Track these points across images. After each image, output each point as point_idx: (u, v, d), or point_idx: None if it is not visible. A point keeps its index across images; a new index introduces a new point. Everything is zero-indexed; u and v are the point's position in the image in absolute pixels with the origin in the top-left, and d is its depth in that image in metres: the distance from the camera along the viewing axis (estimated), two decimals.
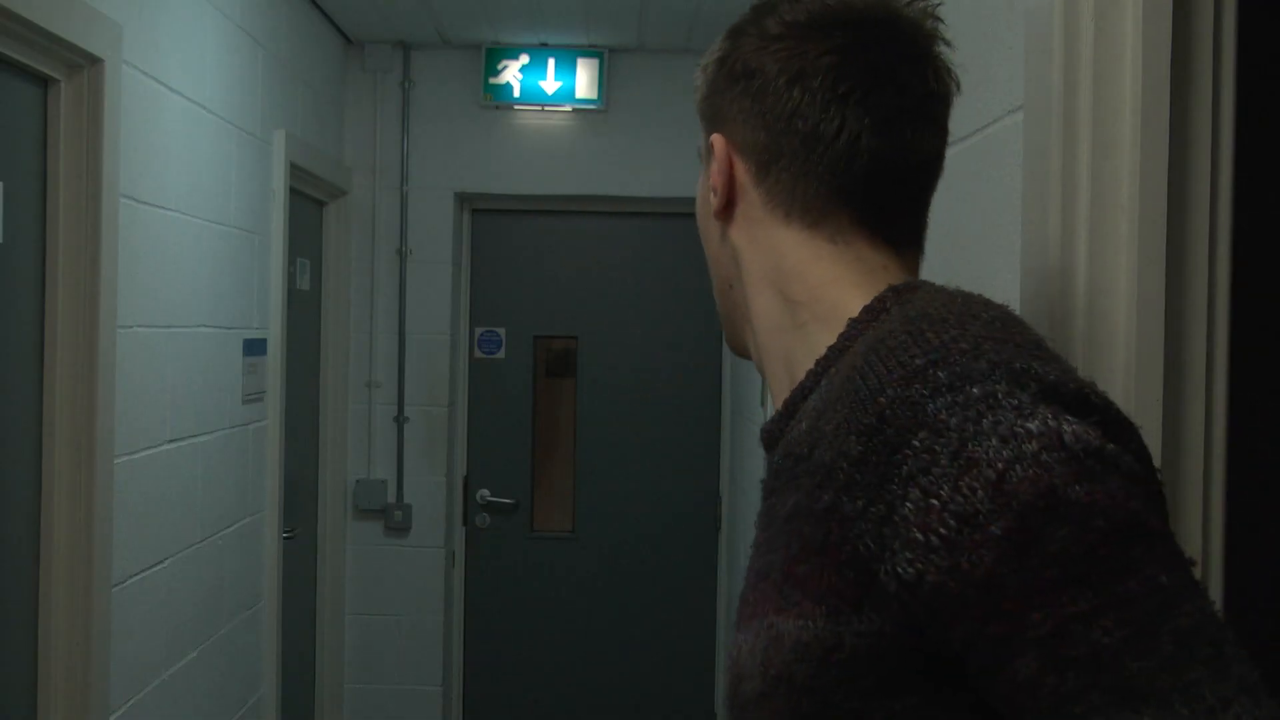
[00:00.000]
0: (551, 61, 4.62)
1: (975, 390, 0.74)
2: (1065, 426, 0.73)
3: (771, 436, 0.93)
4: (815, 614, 0.77)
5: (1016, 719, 0.72)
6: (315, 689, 4.46)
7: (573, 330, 4.87)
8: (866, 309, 0.88)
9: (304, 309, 4.18)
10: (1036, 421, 0.72)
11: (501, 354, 4.86)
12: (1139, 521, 0.71)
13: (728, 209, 0.97)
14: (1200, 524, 1.18)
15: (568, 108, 4.66)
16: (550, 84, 4.62)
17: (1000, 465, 0.71)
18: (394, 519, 4.62)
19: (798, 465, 0.83)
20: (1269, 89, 1.46)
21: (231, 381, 3.22)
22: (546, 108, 4.67)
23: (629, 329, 4.89)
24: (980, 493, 0.71)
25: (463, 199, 4.79)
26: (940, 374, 0.75)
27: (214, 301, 3.06)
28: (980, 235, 1.49)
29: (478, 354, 4.86)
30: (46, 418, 2.28)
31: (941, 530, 0.71)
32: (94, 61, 2.30)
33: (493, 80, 4.62)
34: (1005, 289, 1.38)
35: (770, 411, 0.96)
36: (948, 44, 0.96)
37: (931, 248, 1.71)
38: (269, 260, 3.55)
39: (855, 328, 0.88)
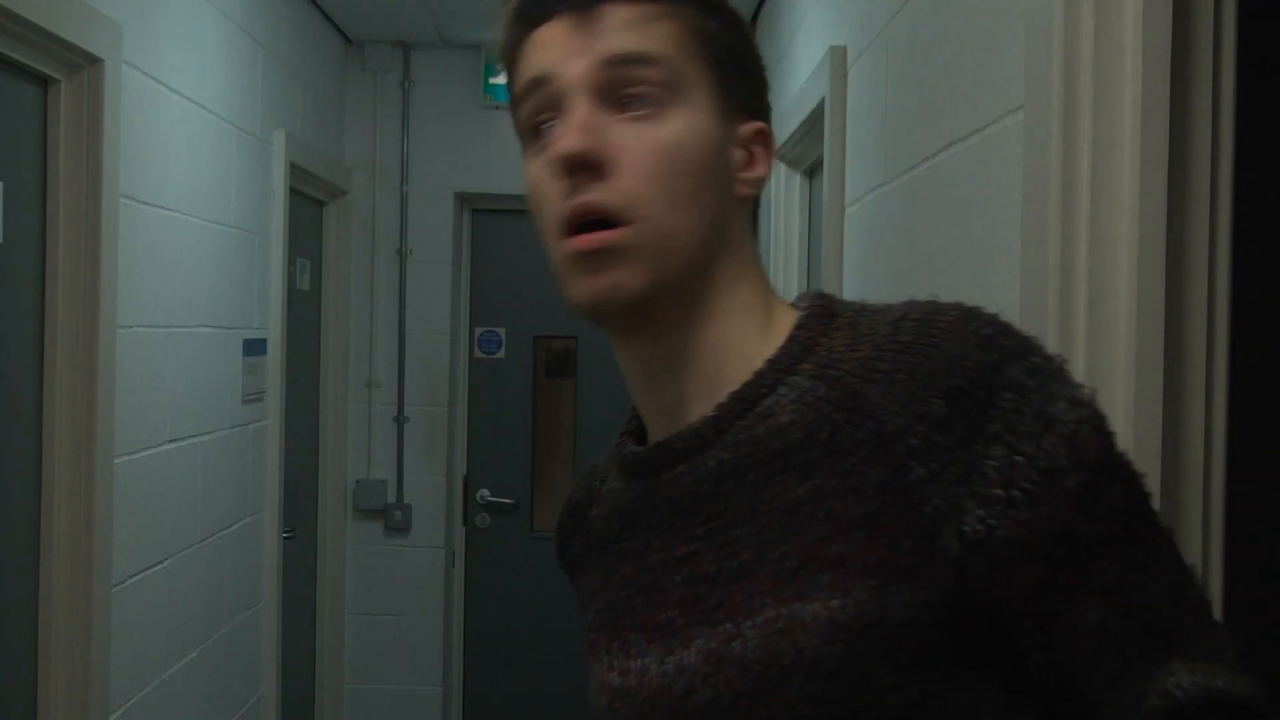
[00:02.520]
0: None
1: (1037, 359, 0.80)
2: (1096, 397, 0.81)
3: (700, 439, 0.88)
4: (857, 588, 0.77)
5: (1069, 670, 0.78)
6: (315, 689, 4.46)
7: (573, 330, 4.87)
8: (808, 314, 0.89)
9: (304, 309, 4.18)
10: (1085, 390, 0.80)
11: (501, 354, 4.86)
12: (1145, 485, 0.81)
13: (748, 202, 0.96)
14: (1200, 524, 1.18)
15: None
16: None
17: (1072, 425, 0.77)
18: (394, 519, 4.62)
19: (805, 453, 0.83)
20: (1269, 89, 1.46)
21: (231, 381, 3.22)
22: None
23: None
24: (1061, 449, 0.76)
25: (463, 199, 4.79)
26: (1008, 343, 0.80)
27: (214, 301, 3.06)
28: (980, 235, 1.49)
29: (478, 354, 4.86)
30: (46, 418, 2.28)
31: (1025, 484, 0.76)
32: (94, 61, 2.30)
33: (493, 80, 4.62)
34: (1005, 289, 1.38)
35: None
36: None
37: (932, 248, 1.72)
38: (269, 260, 3.55)
39: (808, 331, 0.88)
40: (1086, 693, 0.78)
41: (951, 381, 0.79)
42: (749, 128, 0.94)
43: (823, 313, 0.89)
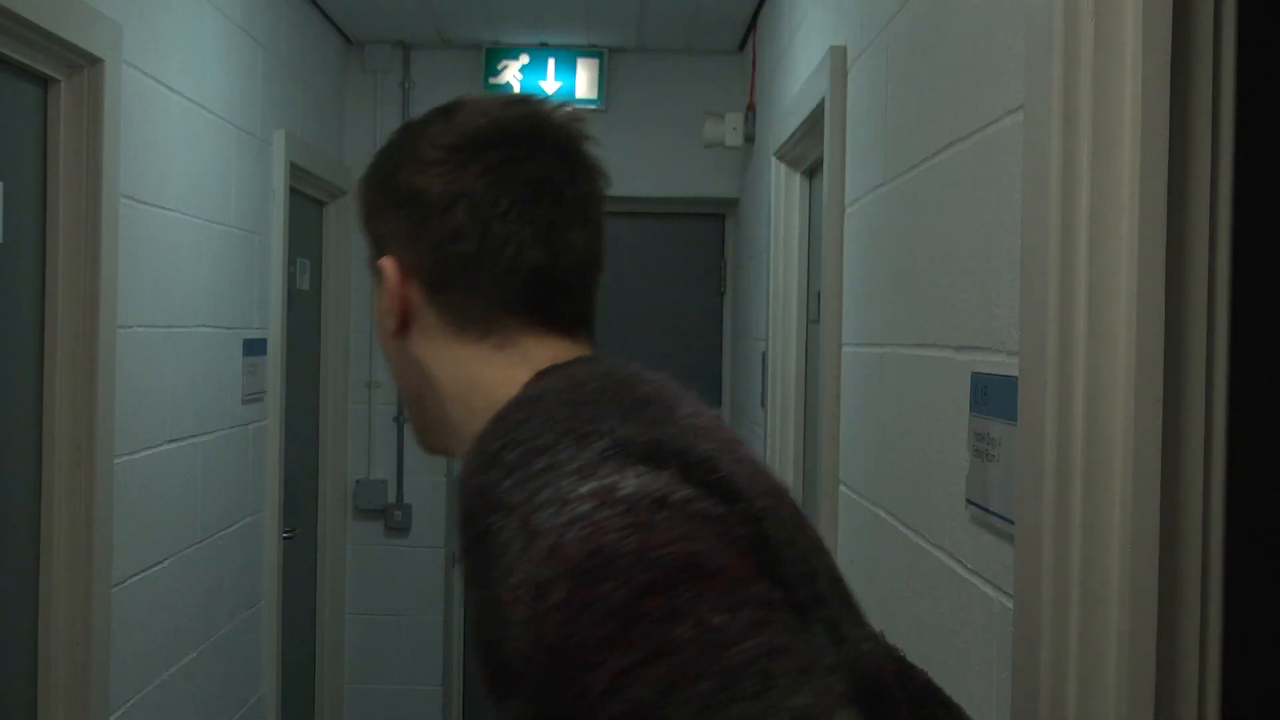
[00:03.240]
0: (551, 61, 4.62)
1: (540, 463, 0.76)
2: (624, 481, 0.74)
3: None
4: (490, 703, 0.79)
5: None
6: (315, 689, 4.46)
7: None
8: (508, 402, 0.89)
9: (304, 309, 4.18)
10: (592, 483, 0.74)
11: None
12: (694, 565, 0.71)
13: (405, 327, 0.99)
14: (1200, 524, 1.18)
15: None
16: (550, 84, 4.62)
17: (556, 532, 0.72)
18: (394, 519, 4.61)
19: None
20: (1269, 89, 1.46)
21: (231, 381, 3.22)
22: None
23: (629, 329, 4.88)
24: (545, 561, 0.72)
25: None
26: (509, 455, 0.78)
27: (214, 301, 3.06)
28: (980, 235, 1.49)
29: None
30: (46, 418, 2.28)
31: (525, 604, 0.72)
32: (94, 61, 2.29)
33: (493, 80, 4.62)
34: (1005, 289, 1.38)
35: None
36: (595, 141, 1.03)
37: (931, 248, 1.72)
38: (269, 260, 3.55)
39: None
40: None
41: (460, 515, 0.80)
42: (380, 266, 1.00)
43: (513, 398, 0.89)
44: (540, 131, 0.98)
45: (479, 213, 0.94)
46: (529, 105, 1.00)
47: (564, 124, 1.00)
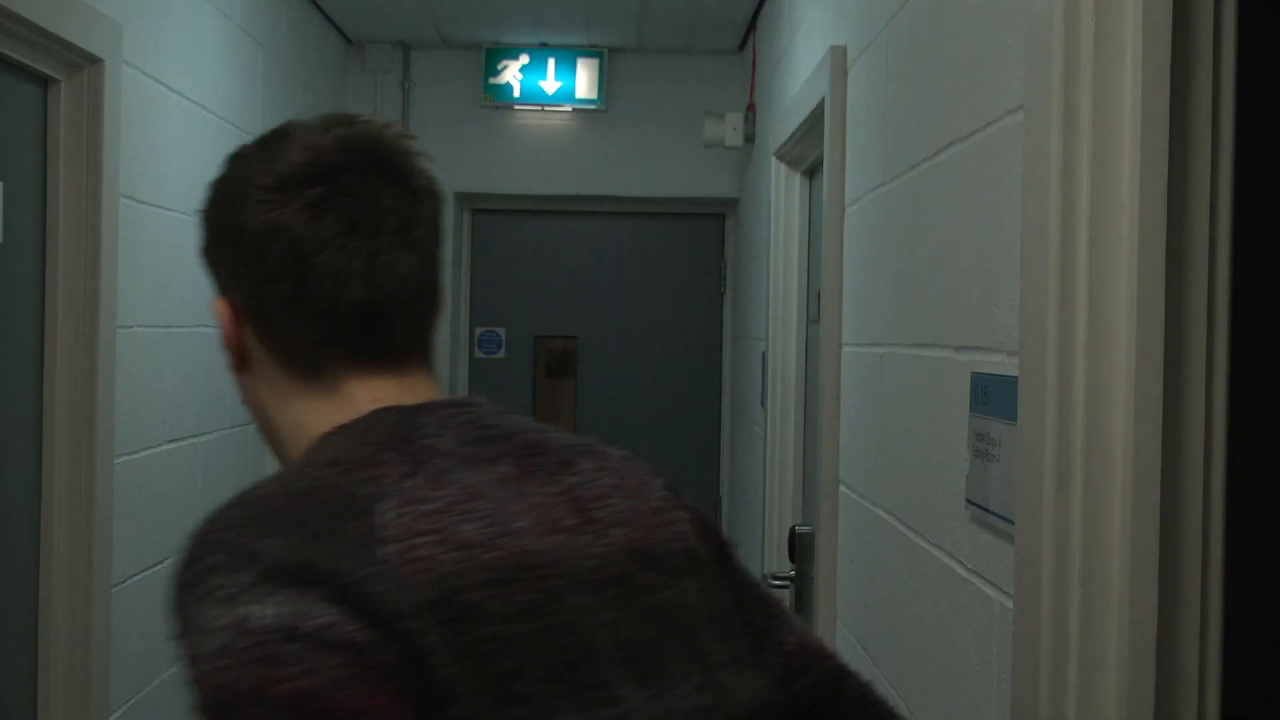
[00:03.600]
0: (551, 61, 4.62)
1: (211, 582, 0.77)
2: (264, 610, 0.74)
3: None
4: None
5: None
6: None
7: (573, 330, 4.87)
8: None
9: None
10: (234, 612, 0.75)
11: (501, 354, 4.86)
12: (306, 702, 0.72)
13: (245, 367, 0.99)
14: (1200, 524, 1.18)
15: (568, 108, 4.66)
16: (550, 84, 4.62)
17: (200, 661, 0.74)
18: None
19: None
20: (1269, 89, 1.46)
21: (231, 381, 3.21)
22: (546, 108, 4.67)
23: (629, 329, 4.89)
24: (194, 691, 0.74)
25: (463, 199, 4.79)
26: (192, 569, 0.79)
27: None
28: (980, 235, 1.49)
29: (478, 354, 4.86)
30: (46, 418, 2.28)
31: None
32: (94, 61, 2.29)
33: (493, 80, 4.62)
34: (1005, 289, 1.38)
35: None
36: (426, 157, 0.98)
37: (931, 248, 1.72)
38: None
39: None
40: None
41: (169, 596, 0.82)
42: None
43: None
44: (364, 157, 0.94)
45: (296, 250, 0.91)
46: (353, 127, 0.96)
47: (391, 143, 0.96)
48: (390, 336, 0.95)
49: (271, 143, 0.96)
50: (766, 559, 3.43)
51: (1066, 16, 1.17)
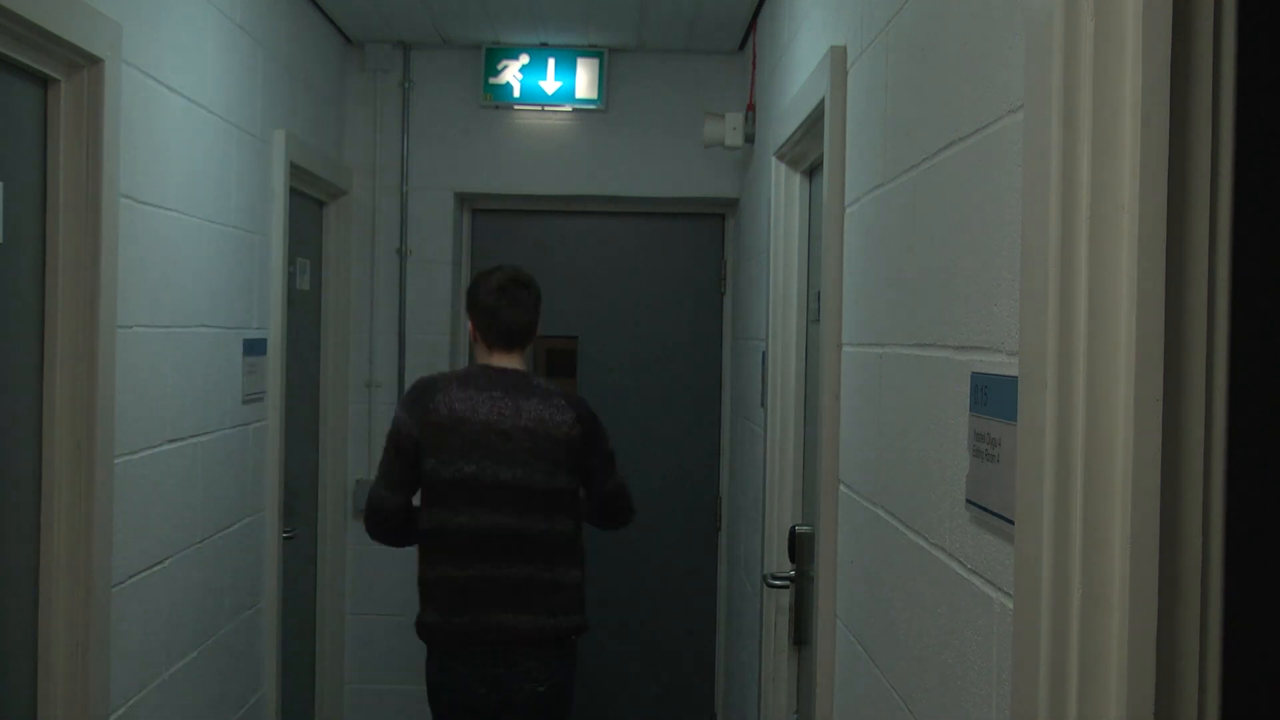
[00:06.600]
0: (551, 61, 4.62)
1: (401, 401, 3.23)
2: (399, 412, 3.21)
3: None
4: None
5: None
6: (315, 689, 4.46)
7: (573, 330, 4.87)
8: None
9: (304, 309, 4.18)
10: (399, 410, 3.27)
11: None
12: (392, 435, 3.25)
13: (474, 340, 3.22)
14: (1200, 524, 1.18)
15: (568, 108, 4.66)
16: (550, 84, 4.62)
17: (394, 421, 3.25)
18: None
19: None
20: (1269, 89, 1.46)
21: (231, 381, 3.22)
22: (546, 108, 4.67)
23: (629, 329, 4.89)
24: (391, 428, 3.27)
25: (463, 199, 4.79)
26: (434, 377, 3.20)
27: (213, 301, 3.07)
28: (980, 235, 1.49)
29: None
30: (46, 418, 2.28)
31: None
32: (94, 61, 2.30)
33: (493, 80, 4.62)
34: (1006, 288, 1.38)
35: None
36: (532, 280, 3.25)
37: (931, 248, 1.72)
38: (269, 260, 3.55)
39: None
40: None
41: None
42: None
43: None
44: (510, 279, 3.18)
45: (489, 310, 3.15)
46: (506, 271, 3.20)
47: (517, 274, 3.20)
48: (508, 341, 3.15)
49: (487, 273, 3.20)
50: (766, 559, 3.43)
51: (1066, 16, 1.17)
